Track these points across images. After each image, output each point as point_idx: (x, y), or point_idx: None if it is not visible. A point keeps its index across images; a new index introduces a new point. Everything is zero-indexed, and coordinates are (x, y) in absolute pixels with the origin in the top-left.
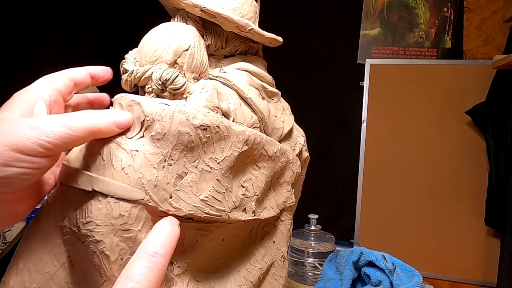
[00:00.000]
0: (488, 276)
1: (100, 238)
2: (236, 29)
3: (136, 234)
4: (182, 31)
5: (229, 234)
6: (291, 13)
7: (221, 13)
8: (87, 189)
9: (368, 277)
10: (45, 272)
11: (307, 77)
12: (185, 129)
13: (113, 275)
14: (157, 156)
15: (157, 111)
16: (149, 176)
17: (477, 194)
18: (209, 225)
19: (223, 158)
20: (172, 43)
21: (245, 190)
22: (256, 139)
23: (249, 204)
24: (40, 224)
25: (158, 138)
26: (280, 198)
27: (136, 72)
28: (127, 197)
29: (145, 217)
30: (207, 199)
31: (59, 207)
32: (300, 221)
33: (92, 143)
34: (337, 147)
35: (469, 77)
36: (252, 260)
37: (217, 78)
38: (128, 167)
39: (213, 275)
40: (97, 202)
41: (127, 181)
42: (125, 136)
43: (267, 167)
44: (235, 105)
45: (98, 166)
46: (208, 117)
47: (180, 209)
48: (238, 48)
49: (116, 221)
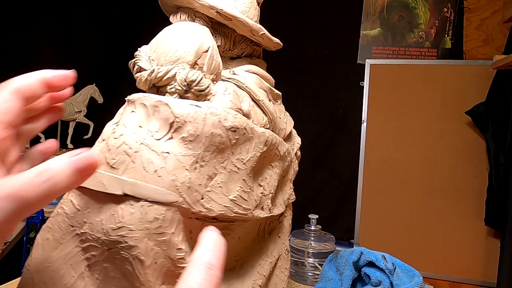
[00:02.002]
0: (488, 276)
1: (134, 243)
2: (249, 32)
3: (170, 237)
4: (201, 32)
5: (244, 232)
6: (291, 13)
7: (238, 16)
8: (117, 193)
9: (368, 277)
10: (63, 284)
11: (307, 77)
12: (217, 131)
13: (148, 280)
14: (189, 157)
15: (189, 112)
16: (183, 178)
17: (477, 194)
18: (231, 224)
19: (248, 159)
20: (193, 44)
21: (263, 189)
22: (273, 140)
23: (266, 202)
24: (55, 233)
25: (190, 139)
26: (285, 195)
27: (157, 71)
28: (161, 200)
29: (178, 220)
30: (236, 199)
31: (78, 214)
32: (300, 221)
33: (117, 145)
34: (337, 147)
35: (469, 77)
36: (264, 255)
37: (230, 80)
38: (160, 169)
39: (230, 273)
40: (128, 207)
41: (160, 183)
42: (152, 137)
43: (278, 166)
44: (249, 107)
45: (127, 169)
46: (237, 119)
47: (212, 210)
48: (244, 51)
49: (151, 225)
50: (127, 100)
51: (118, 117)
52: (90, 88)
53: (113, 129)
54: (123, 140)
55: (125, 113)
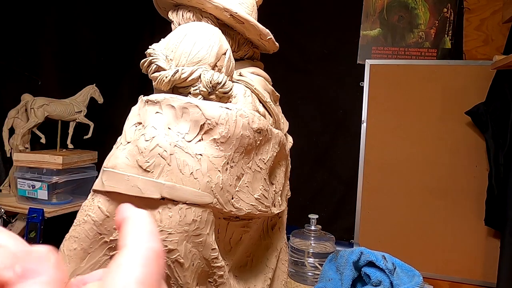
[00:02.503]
0: (488, 276)
1: (173, 247)
2: (258, 36)
3: (205, 238)
4: (218, 34)
5: (255, 228)
6: (291, 14)
7: (250, 20)
8: (155, 197)
9: (368, 277)
10: None
11: (307, 77)
12: (247, 133)
13: (186, 282)
14: (221, 159)
15: (220, 114)
16: (216, 179)
17: (477, 194)
18: (249, 222)
19: (268, 159)
20: (213, 46)
21: (275, 187)
22: (283, 140)
23: (277, 199)
24: (82, 243)
25: (222, 141)
26: (285, 191)
27: (181, 72)
28: (198, 202)
29: (212, 220)
30: (260, 197)
31: (107, 220)
32: (300, 221)
33: (150, 148)
34: (337, 147)
35: (469, 78)
36: (270, 249)
37: (240, 81)
38: (196, 171)
39: (244, 269)
40: (166, 210)
41: (197, 185)
42: (183, 139)
43: (284, 164)
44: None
45: (163, 172)
46: (262, 121)
47: (241, 209)
48: (247, 53)
49: (190, 227)
50: (146, 100)
51: (137, 118)
52: (90, 88)
53: (140, 131)
54: (156, 142)
55: (148, 114)
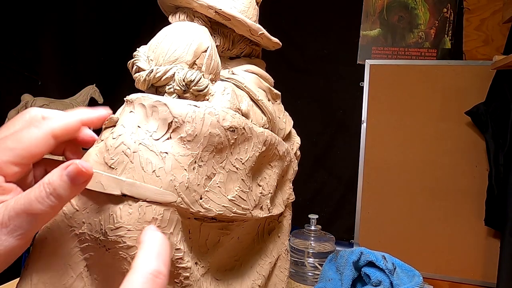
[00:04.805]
0: (488, 276)
1: (132, 244)
2: (247, 32)
3: (168, 237)
4: (199, 32)
5: (243, 232)
6: (291, 14)
7: (236, 16)
8: (115, 193)
9: (368, 277)
10: (61, 284)
11: (307, 77)
12: (216, 131)
13: None
14: (188, 157)
15: (187, 112)
16: (181, 178)
17: (477, 194)
18: (230, 224)
19: (247, 159)
20: (191, 44)
21: (262, 189)
22: (272, 140)
23: (265, 202)
24: (54, 233)
25: (188, 139)
26: (284, 195)
27: (156, 71)
28: (160, 200)
29: (177, 220)
30: (235, 199)
31: (77, 214)
32: (300, 221)
33: (115, 146)
34: (337, 147)
35: (468, 78)
36: (263, 255)
37: (229, 79)
38: (159, 169)
39: (229, 273)
40: (127, 207)
41: (159, 183)
42: (151, 137)
43: (277, 166)
44: (248, 107)
45: (126, 170)
46: (236, 119)
47: (211, 210)
48: (243, 51)
49: (149, 225)
50: (125, 100)
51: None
52: (90, 88)
53: (112, 129)
54: (121, 140)
55: (123, 113)
